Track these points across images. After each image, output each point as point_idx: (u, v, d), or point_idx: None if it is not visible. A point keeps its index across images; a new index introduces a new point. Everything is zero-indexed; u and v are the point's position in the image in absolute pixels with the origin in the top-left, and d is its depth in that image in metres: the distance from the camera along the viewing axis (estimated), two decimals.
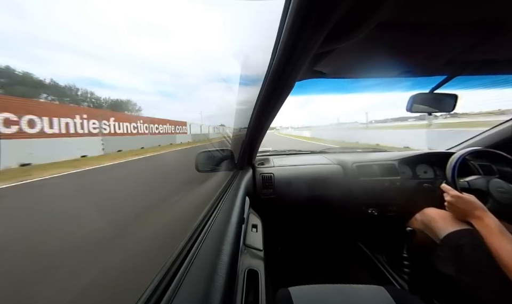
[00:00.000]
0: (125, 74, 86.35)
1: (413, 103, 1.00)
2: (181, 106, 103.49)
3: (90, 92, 28.82)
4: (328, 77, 0.88)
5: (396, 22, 0.53)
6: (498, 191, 0.87)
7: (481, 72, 0.90)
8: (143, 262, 1.14)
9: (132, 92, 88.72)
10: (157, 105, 75.89)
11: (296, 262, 1.42)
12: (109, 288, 0.98)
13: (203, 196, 1.81)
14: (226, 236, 0.50)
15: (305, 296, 0.66)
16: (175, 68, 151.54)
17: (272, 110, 0.78)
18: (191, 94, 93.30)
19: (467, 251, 0.74)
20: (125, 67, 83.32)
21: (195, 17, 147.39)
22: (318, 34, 0.39)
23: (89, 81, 71.53)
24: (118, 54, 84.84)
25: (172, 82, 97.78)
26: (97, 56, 55.87)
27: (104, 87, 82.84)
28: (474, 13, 0.51)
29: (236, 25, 2.52)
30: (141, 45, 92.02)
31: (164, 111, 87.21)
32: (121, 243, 1.68)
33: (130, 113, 21.71)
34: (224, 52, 58.59)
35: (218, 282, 0.36)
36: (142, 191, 3.55)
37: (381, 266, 1.18)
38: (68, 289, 1.10)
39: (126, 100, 26.45)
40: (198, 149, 1.17)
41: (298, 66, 0.50)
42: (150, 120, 14.00)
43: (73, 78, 46.16)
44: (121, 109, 26.20)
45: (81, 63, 67.84)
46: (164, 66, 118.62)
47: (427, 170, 1.26)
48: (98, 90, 42.30)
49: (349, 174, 1.28)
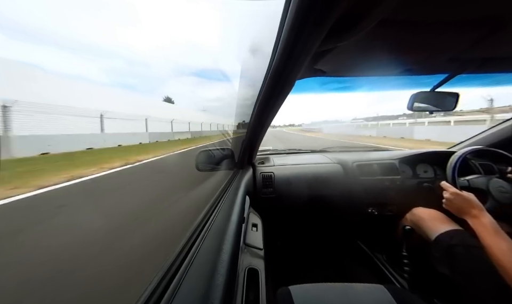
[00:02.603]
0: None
1: (414, 101, 1.00)
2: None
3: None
4: (329, 75, 0.88)
5: (396, 20, 0.52)
6: (498, 190, 0.87)
7: (482, 70, 0.90)
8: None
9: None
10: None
11: (297, 261, 1.43)
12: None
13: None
14: (226, 235, 0.50)
15: (306, 295, 0.66)
16: (174, 65, 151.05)
17: (273, 108, 0.78)
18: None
19: (459, 251, 0.75)
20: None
21: (195, 17, 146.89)
22: (318, 33, 0.39)
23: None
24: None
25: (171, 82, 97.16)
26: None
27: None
28: (476, 10, 0.50)
29: (236, 24, 2.48)
30: (140, 43, 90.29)
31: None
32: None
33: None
34: (225, 51, 57.96)
35: (218, 280, 0.36)
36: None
37: (381, 265, 1.18)
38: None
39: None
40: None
41: (298, 65, 0.49)
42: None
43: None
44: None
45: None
46: (163, 66, 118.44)
47: (427, 170, 1.26)
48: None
49: (349, 173, 1.28)
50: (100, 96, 14.06)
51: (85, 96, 12.43)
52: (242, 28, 0.65)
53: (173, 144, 14.50)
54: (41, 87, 10.06)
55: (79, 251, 1.60)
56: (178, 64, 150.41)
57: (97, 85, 23.18)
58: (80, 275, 1.22)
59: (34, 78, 10.25)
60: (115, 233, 1.89)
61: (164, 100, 21.23)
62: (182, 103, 44.60)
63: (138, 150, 10.54)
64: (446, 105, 1.00)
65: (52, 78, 11.91)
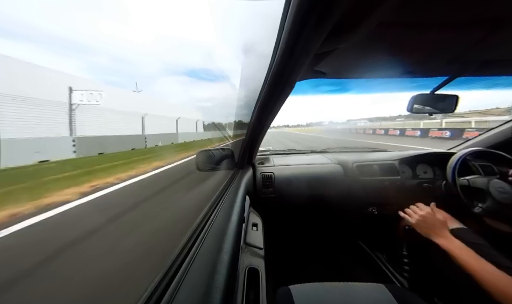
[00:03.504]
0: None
1: (413, 103, 1.00)
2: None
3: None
4: (329, 77, 0.88)
5: (396, 22, 0.53)
6: (498, 191, 0.87)
7: (482, 72, 0.90)
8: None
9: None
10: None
11: (297, 261, 1.43)
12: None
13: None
14: (226, 235, 0.51)
15: (306, 294, 0.66)
16: (171, 66, 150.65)
17: (273, 109, 0.78)
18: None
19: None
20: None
21: (195, 17, 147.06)
22: (318, 34, 0.39)
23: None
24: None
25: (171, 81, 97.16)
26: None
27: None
28: (476, 12, 0.51)
29: (237, 25, 2.50)
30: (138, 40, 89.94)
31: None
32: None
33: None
34: (225, 52, 57.80)
35: (219, 280, 0.36)
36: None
37: (381, 265, 1.18)
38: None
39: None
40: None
41: (298, 66, 0.50)
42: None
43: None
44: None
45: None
46: (164, 65, 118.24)
47: (427, 170, 1.26)
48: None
49: (349, 173, 1.28)
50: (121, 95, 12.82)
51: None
52: (243, 28, 0.66)
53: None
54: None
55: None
56: (178, 63, 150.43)
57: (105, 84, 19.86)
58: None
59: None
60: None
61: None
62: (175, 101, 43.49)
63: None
64: (445, 108, 1.00)
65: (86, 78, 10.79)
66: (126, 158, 6.98)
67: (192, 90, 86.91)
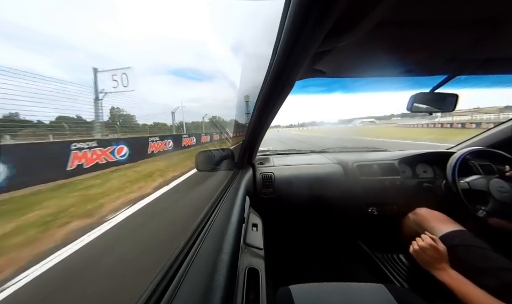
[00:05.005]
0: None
1: (413, 102, 1.00)
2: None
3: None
4: (328, 76, 0.88)
5: (396, 21, 0.53)
6: (498, 190, 0.87)
7: (482, 71, 0.90)
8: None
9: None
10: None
11: (297, 261, 1.42)
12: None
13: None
14: (226, 235, 0.50)
15: (306, 295, 0.66)
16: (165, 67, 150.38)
17: (272, 109, 0.78)
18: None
19: (460, 251, 0.76)
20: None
21: (195, 16, 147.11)
22: (318, 33, 0.39)
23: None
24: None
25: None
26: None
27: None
28: (475, 11, 0.51)
29: (237, 24, 2.48)
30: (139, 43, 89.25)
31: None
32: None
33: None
34: (225, 51, 57.89)
35: (218, 280, 0.36)
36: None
37: (381, 265, 1.18)
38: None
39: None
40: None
41: (298, 65, 0.50)
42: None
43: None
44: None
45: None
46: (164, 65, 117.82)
47: (427, 170, 1.26)
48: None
49: (349, 173, 1.28)
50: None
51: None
52: (243, 27, 0.66)
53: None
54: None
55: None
56: (177, 64, 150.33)
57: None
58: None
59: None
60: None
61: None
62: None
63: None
64: (445, 106, 1.00)
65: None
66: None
67: (179, 89, 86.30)
